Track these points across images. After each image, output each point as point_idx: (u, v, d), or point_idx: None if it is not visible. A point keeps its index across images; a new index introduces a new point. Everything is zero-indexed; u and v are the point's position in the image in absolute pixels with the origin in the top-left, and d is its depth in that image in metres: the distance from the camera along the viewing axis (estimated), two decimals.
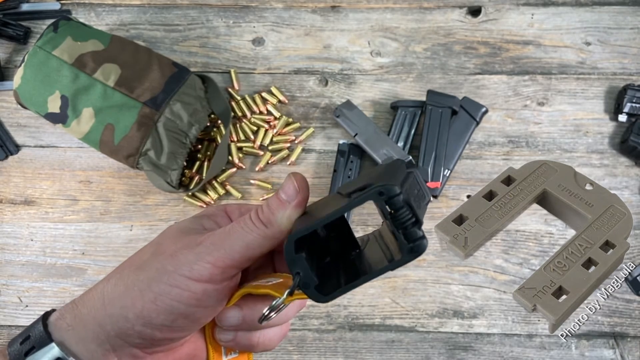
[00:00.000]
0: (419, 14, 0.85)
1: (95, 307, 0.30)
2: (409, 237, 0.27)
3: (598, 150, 0.78)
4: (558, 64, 0.82)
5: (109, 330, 0.30)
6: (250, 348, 0.34)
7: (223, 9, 0.87)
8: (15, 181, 0.78)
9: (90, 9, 0.87)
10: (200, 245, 0.30)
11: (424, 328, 0.71)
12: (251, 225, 0.30)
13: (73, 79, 0.70)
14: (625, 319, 0.70)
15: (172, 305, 0.29)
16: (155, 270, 0.30)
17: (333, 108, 0.80)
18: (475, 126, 0.77)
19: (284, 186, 0.31)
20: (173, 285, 0.29)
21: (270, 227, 0.30)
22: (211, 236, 0.31)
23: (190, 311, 0.30)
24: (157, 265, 0.30)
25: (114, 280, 0.31)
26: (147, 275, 0.30)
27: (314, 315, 0.71)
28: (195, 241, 0.31)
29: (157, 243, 0.32)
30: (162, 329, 0.30)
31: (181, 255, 0.30)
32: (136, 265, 0.31)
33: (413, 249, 0.27)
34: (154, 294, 0.29)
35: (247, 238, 0.30)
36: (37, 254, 0.75)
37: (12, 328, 0.72)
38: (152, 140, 0.71)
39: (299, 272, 0.28)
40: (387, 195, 0.26)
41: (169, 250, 0.31)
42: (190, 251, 0.30)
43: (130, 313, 0.29)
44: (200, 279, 0.29)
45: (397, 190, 0.26)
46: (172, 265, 0.30)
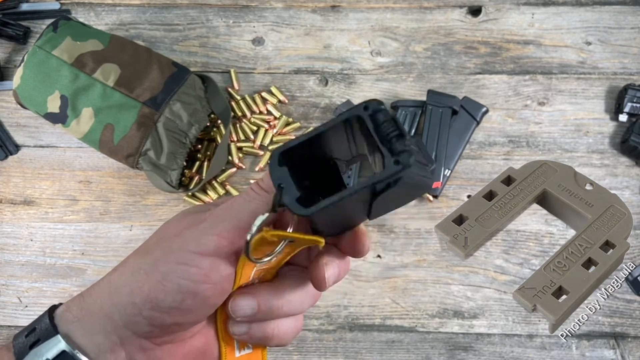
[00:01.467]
0: (419, 14, 0.85)
1: (101, 297, 0.30)
2: (393, 149, 0.27)
3: (598, 150, 0.77)
4: (558, 64, 0.82)
5: (117, 320, 0.29)
6: (264, 341, 0.33)
7: (223, 9, 0.87)
8: (14, 181, 0.78)
9: (90, 9, 0.87)
10: (205, 222, 0.30)
11: (424, 328, 0.70)
12: (253, 194, 0.30)
13: (73, 78, 0.70)
14: (625, 319, 0.70)
15: (180, 284, 0.29)
16: (161, 251, 0.30)
17: (333, 108, 0.80)
18: (476, 126, 0.77)
19: None
20: (180, 263, 0.29)
21: (272, 192, 0.30)
22: (215, 211, 0.31)
23: (200, 289, 0.29)
24: (163, 246, 0.30)
25: (120, 269, 0.31)
26: (152, 257, 0.30)
27: (314, 315, 0.71)
28: (199, 219, 0.31)
29: (161, 230, 0.32)
30: (171, 312, 0.29)
31: (186, 233, 0.30)
32: (141, 252, 0.31)
33: (398, 161, 0.26)
34: (161, 274, 0.29)
35: (250, 206, 0.30)
36: (36, 254, 0.75)
37: (12, 328, 0.72)
38: (152, 140, 0.71)
39: (281, 184, 0.28)
40: (371, 109, 0.27)
41: (173, 231, 0.31)
42: (195, 228, 0.30)
43: (137, 297, 0.29)
44: (206, 252, 0.29)
45: (381, 106, 0.27)
46: (178, 243, 0.30)
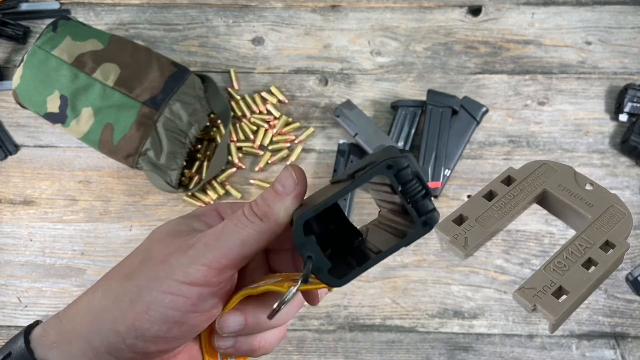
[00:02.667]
0: (419, 14, 0.85)
1: (81, 323, 0.28)
2: (420, 209, 0.26)
3: (599, 150, 0.77)
4: (559, 64, 0.82)
5: (98, 347, 0.28)
6: (250, 353, 0.32)
7: (223, 9, 0.86)
8: (14, 181, 0.78)
9: (90, 9, 0.87)
10: (193, 248, 0.28)
11: (424, 328, 0.70)
12: (245, 221, 0.28)
13: (72, 78, 0.70)
14: (626, 319, 0.70)
15: (167, 314, 0.27)
16: (146, 278, 0.28)
17: (333, 108, 0.80)
18: (476, 126, 0.77)
19: (281, 178, 0.29)
20: (167, 292, 0.27)
21: (267, 220, 0.28)
22: (204, 237, 0.29)
23: (186, 318, 0.28)
24: (148, 272, 0.28)
25: (101, 292, 0.29)
26: (137, 284, 0.28)
27: (314, 315, 0.71)
28: (186, 244, 0.29)
29: (145, 249, 0.30)
30: (156, 341, 0.28)
31: (173, 260, 0.28)
32: (124, 274, 0.29)
33: (426, 222, 0.26)
34: (146, 303, 0.27)
35: (242, 234, 0.28)
36: (36, 254, 0.75)
37: (12, 328, 0.72)
38: (152, 140, 0.70)
39: (310, 255, 0.26)
40: (395, 168, 0.26)
41: (159, 255, 0.29)
42: (183, 255, 0.28)
43: (121, 326, 0.27)
44: (195, 282, 0.28)
45: (405, 163, 0.26)
46: (164, 271, 0.28)
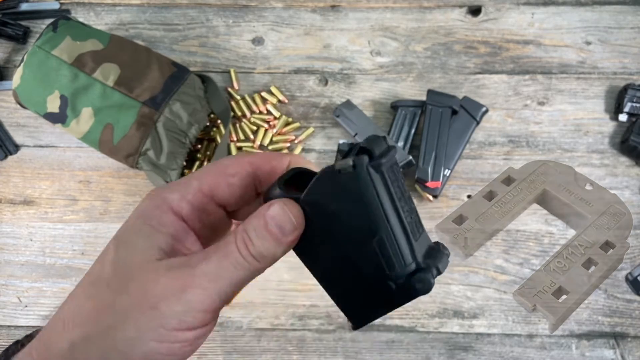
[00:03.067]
0: (419, 14, 0.85)
1: None
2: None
3: (598, 150, 0.77)
4: (558, 64, 0.82)
5: None
6: None
7: (222, 9, 0.86)
8: (14, 181, 0.78)
9: (90, 9, 0.87)
10: (187, 292, 0.27)
11: (424, 328, 0.70)
12: (242, 262, 0.28)
13: (72, 78, 0.70)
14: (625, 319, 0.70)
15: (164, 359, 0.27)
16: (137, 329, 0.26)
17: (333, 108, 0.80)
18: (476, 126, 0.77)
19: (277, 217, 0.27)
20: (162, 341, 0.27)
21: (263, 260, 0.28)
22: (197, 278, 0.27)
23: (184, 356, 0.28)
24: (138, 322, 0.27)
25: (79, 332, 0.27)
26: (125, 336, 0.26)
27: (314, 315, 0.71)
28: (177, 284, 0.27)
29: (120, 268, 0.28)
30: None
31: (165, 307, 0.26)
32: (103, 304, 0.27)
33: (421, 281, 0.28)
34: (143, 354, 0.26)
35: (240, 275, 0.28)
36: (36, 254, 0.75)
37: (11, 328, 0.72)
38: (152, 140, 0.70)
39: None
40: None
41: (144, 299, 0.27)
42: (177, 301, 0.26)
43: None
44: (191, 327, 0.27)
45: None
46: (156, 319, 0.26)
